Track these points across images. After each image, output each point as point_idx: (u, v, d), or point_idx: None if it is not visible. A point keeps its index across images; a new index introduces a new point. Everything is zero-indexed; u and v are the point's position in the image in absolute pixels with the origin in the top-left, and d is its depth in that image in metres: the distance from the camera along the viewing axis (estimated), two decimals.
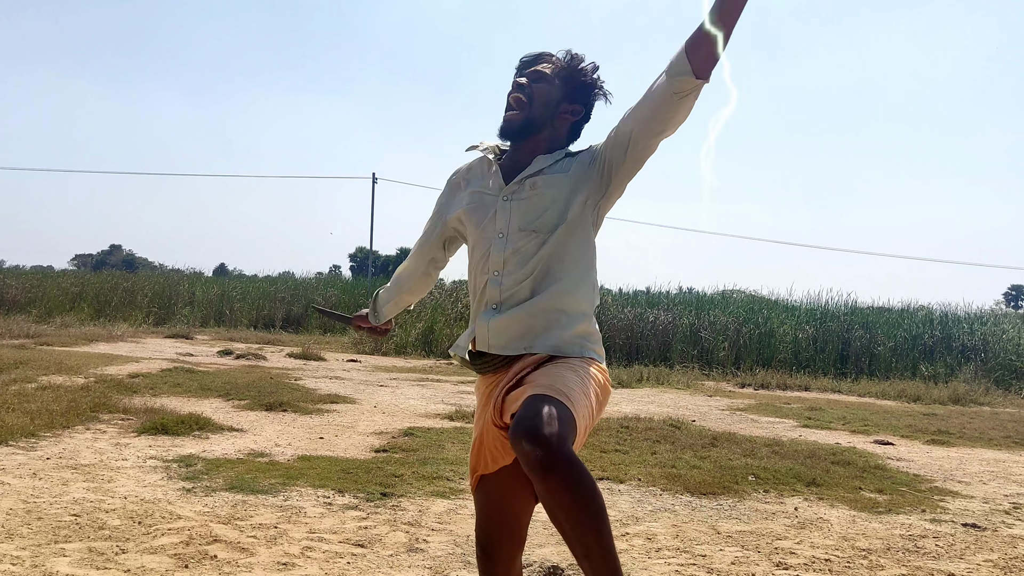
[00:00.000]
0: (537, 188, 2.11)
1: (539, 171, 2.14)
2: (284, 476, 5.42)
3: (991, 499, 6.02)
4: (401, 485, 5.35)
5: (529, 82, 2.13)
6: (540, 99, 2.11)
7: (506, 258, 2.12)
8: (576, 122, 2.21)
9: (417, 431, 7.42)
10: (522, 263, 2.11)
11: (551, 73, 2.14)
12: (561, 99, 2.14)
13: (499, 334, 2.12)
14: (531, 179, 2.13)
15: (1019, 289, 62.95)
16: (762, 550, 4.41)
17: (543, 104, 2.11)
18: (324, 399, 9.26)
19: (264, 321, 23.09)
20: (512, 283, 2.12)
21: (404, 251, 60.50)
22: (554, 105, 2.12)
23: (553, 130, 2.16)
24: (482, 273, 2.21)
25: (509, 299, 2.11)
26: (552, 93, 2.12)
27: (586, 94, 2.18)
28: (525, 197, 2.12)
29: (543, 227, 2.09)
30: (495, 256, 2.14)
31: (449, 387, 11.66)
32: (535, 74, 2.14)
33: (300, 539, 4.11)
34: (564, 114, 2.15)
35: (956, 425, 10.31)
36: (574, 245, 2.12)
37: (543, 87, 2.12)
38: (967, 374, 16.08)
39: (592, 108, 2.22)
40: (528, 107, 2.11)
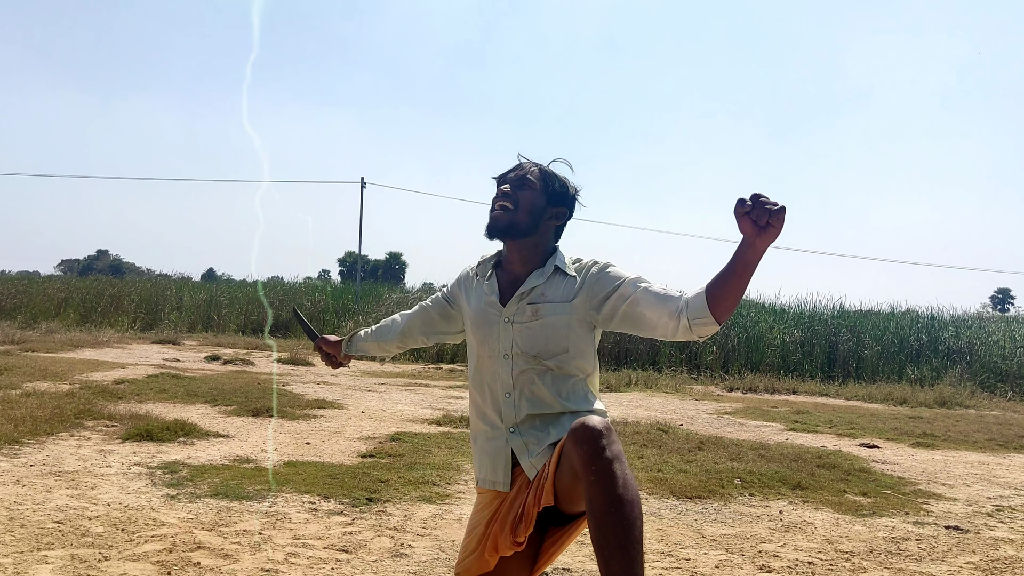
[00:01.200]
0: (539, 317, 2.20)
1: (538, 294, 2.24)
2: (270, 482, 5.40)
3: (974, 501, 6.06)
4: (387, 490, 5.35)
5: (514, 189, 2.23)
6: (526, 206, 2.21)
7: (515, 379, 2.22)
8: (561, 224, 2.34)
9: (404, 436, 7.42)
10: (530, 384, 2.21)
11: (535, 179, 2.24)
12: (546, 205, 2.24)
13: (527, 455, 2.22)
14: (532, 305, 2.22)
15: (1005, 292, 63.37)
16: (746, 553, 4.43)
17: (528, 211, 2.21)
18: (311, 404, 9.24)
19: (252, 326, 23.02)
20: (526, 406, 2.23)
21: (392, 255, 60.51)
22: (539, 211, 2.22)
23: (539, 235, 2.25)
24: (490, 388, 2.31)
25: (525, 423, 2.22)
26: (537, 200, 2.22)
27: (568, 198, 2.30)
28: (527, 322, 2.21)
29: (548, 353, 2.19)
30: (504, 376, 2.24)
31: (437, 392, 11.65)
32: (520, 181, 2.23)
33: (284, 545, 4.11)
34: (549, 219, 2.25)
35: (941, 428, 10.38)
36: (577, 367, 2.23)
37: (528, 194, 2.22)
38: (953, 377, 16.18)
39: (573, 210, 2.33)
40: (514, 212, 2.20)
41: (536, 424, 2.22)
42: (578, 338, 2.21)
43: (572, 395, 2.24)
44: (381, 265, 59.94)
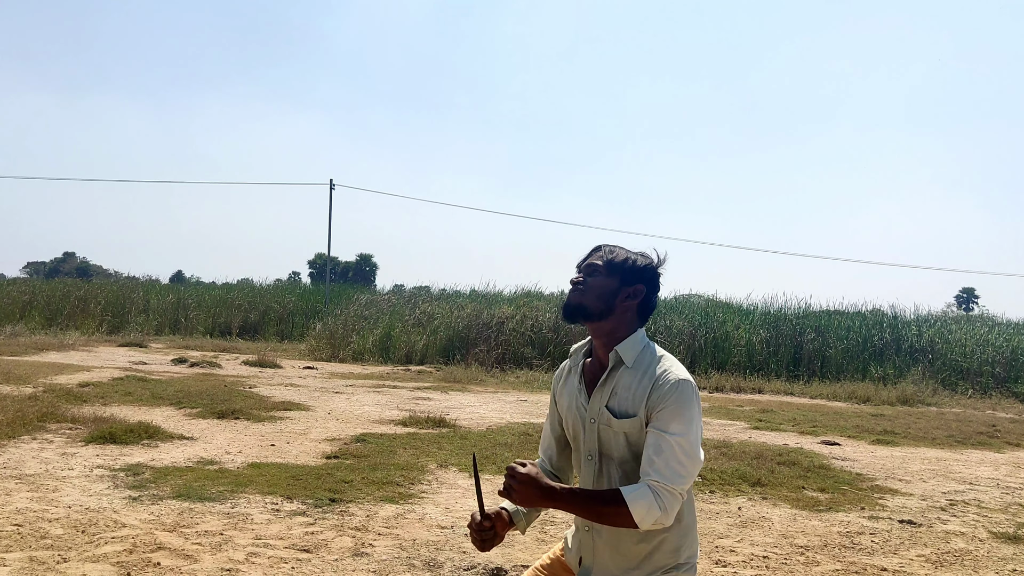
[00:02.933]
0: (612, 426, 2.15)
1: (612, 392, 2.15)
2: (233, 483, 5.40)
3: (929, 496, 6.21)
4: (350, 491, 5.37)
5: (584, 275, 2.21)
6: (594, 291, 2.17)
7: (595, 479, 2.18)
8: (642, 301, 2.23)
9: (370, 437, 7.43)
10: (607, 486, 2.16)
11: (603, 265, 2.21)
12: (619, 287, 2.18)
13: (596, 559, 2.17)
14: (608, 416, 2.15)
15: (970, 292, 64.42)
16: (703, 549, 4.51)
17: (598, 296, 2.16)
18: (278, 406, 9.22)
19: (221, 329, 22.85)
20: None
21: (363, 257, 60.24)
22: (611, 295, 2.17)
23: (618, 318, 2.19)
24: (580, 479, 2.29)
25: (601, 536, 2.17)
26: (607, 284, 2.17)
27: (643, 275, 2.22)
28: (605, 425, 2.16)
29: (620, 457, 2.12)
30: (586, 475, 2.20)
31: (405, 393, 11.66)
32: (589, 268, 2.22)
33: (246, 545, 4.12)
34: (625, 300, 2.17)
35: (902, 425, 10.58)
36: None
37: (597, 280, 2.18)
38: (915, 375, 16.46)
39: (657, 284, 2.24)
40: (583, 294, 2.17)
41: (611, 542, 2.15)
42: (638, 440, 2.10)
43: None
44: (352, 267, 59.62)
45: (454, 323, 18.48)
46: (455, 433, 8.00)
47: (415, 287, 27.39)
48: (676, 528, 2.10)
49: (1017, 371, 16.43)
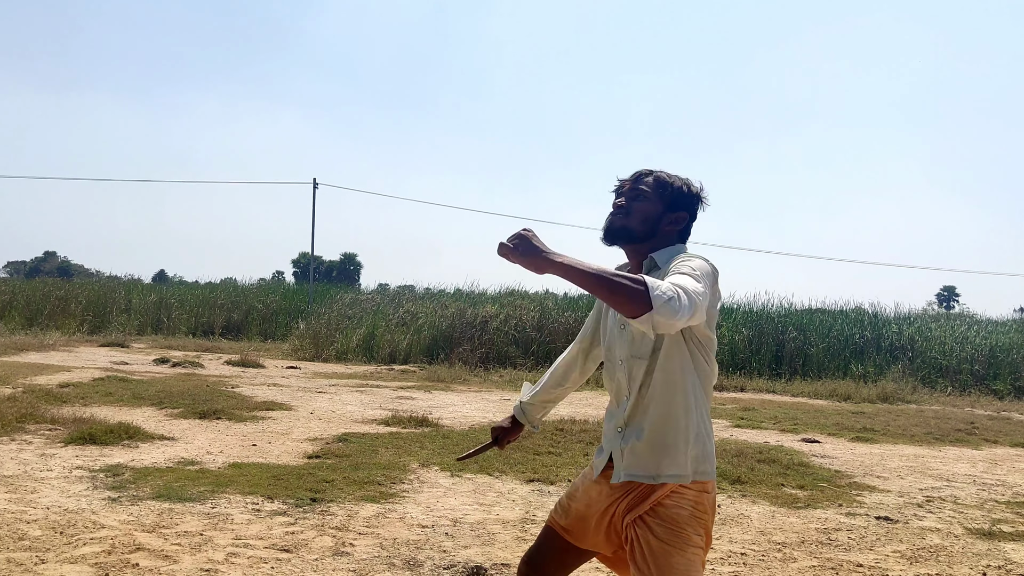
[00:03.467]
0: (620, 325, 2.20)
1: None
2: (214, 484, 5.39)
3: (906, 493, 6.28)
4: (331, 490, 5.37)
5: (628, 200, 2.23)
6: (639, 214, 2.21)
7: (629, 384, 2.21)
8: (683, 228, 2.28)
9: (352, 437, 7.43)
10: (636, 389, 2.19)
11: (650, 190, 2.23)
12: (663, 212, 2.22)
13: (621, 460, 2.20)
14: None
15: (951, 290, 65.03)
16: None
17: (642, 220, 2.20)
18: (260, 406, 9.19)
19: (203, 328, 22.73)
20: (632, 409, 2.21)
21: (347, 256, 60.11)
22: (655, 220, 2.21)
23: (659, 242, 2.22)
24: (612, 393, 2.32)
25: (630, 425, 2.21)
26: (652, 209, 2.21)
27: (688, 201, 2.26)
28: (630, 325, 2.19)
29: (643, 353, 2.15)
30: (622, 381, 2.23)
31: (388, 393, 11.66)
32: (634, 192, 2.24)
33: (225, 545, 4.12)
34: (668, 225, 2.22)
35: (881, 423, 10.68)
36: (672, 370, 2.15)
37: (643, 204, 2.22)
38: (896, 373, 16.61)
39: (698, 210, 2.28)
40: (627, 217, 2.21)
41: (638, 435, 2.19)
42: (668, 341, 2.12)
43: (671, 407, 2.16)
44: (336, 266, 59.50)
45: (438, 322, 18.48)
46: (437, 432, 8.01)
47: (400, 286, 27.38)
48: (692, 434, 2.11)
49: (995, 368, 16.61)
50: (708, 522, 2.16)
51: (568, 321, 18.23)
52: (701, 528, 2.12)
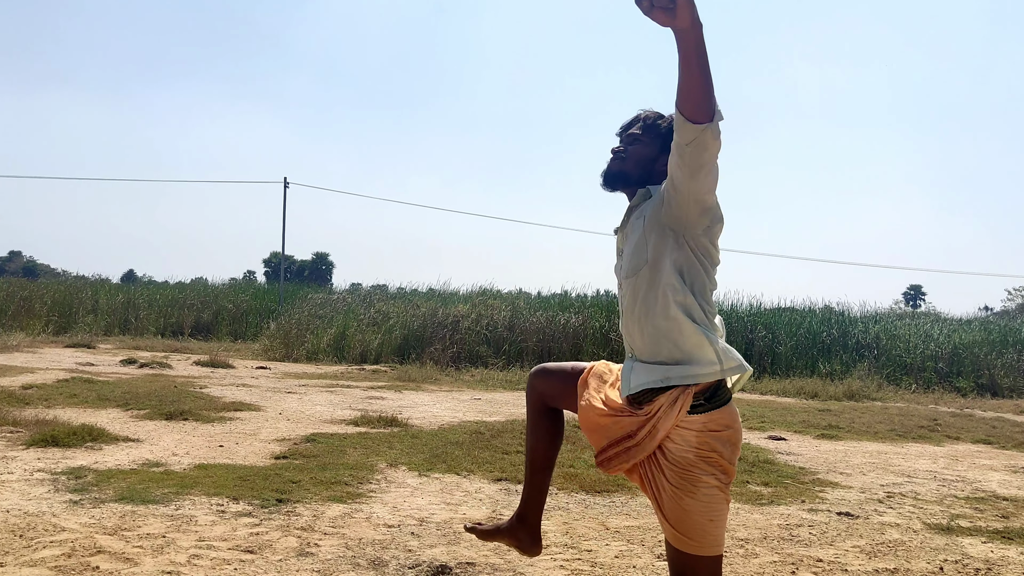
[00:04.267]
0: (628, 235, 2.27)
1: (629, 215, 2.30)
2: (178, 485, 5.35)
3: (868, 489, 6.38)
4: (298, 491, 5.35)
5: (624, 144, 2.30)
6: (634, 158, 2.27)
7: (628, 304, 2.28)
8: None
9: (320, 437, 7.40)
10: (633, 306, 2.26)
11: (643, 134, 2.29)
12: (657, 154, 2.27)
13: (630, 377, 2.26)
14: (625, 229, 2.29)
15: (917, 289, 65.94)
16: (646, 543, 4.59)
17: (636, 163, 2.27)
18: (228, 407, 9.12)
19: (172, 329, 22.50)
20: (632, 326, 2.28)
21: (319, 255, 59.71)
22: (649, 162, 2.27)
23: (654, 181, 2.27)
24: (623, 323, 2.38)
25: (632, 342, 2.27)
26: (646, 152, 2.27)
27: None
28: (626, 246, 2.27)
29: (636, 270, 2.22)
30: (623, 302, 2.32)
31: (358, 393, 11.62)
32: (630, 137, 2.30)
33: (188, 547, 4.09)
34: (663, 166, 2.23)
35: (847, 420, 10.83)
36: (664, 284, 2.18)
37: (637, 148, 2.28)
38: (862, 371, 16.85)
39: None
40: (623, 162, 2.28)
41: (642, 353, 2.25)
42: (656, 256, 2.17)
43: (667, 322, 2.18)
44: (308, 265, 59.03)
45: (409, 322, 18.45)
46: (407, 432, 8.00)
47: (372, 286, 27.29)
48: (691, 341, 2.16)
49: (958, 366, 16.90)
50: (721, 458, 2.16)
51: (540, 321, 18.28)
52: (711, 467, 2.14)
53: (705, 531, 2.15)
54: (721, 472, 2.15)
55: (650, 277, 2.19)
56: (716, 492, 2.14)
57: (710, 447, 2.15)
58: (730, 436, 2.18)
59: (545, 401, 2.65)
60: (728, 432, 2.18)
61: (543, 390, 2.62)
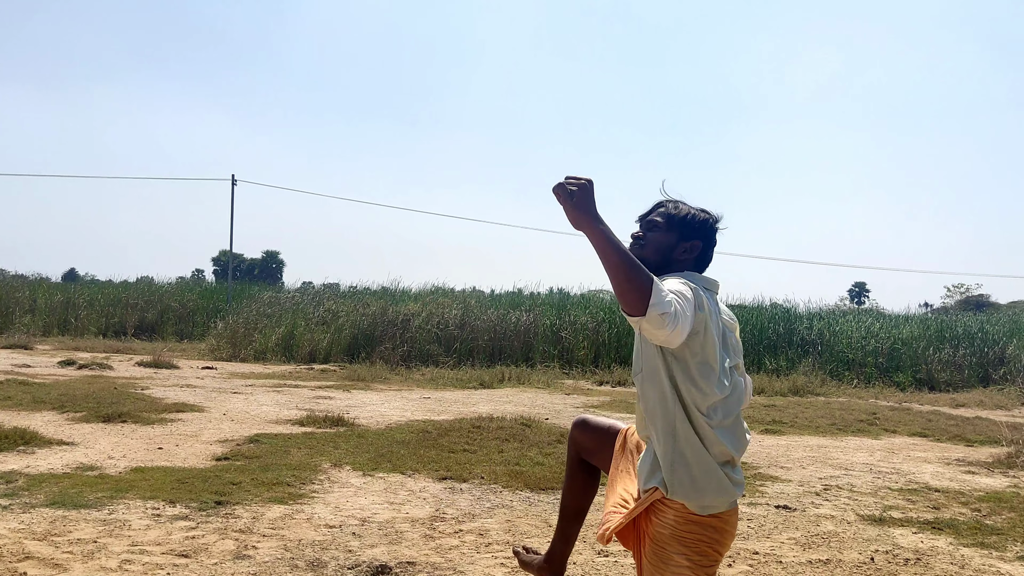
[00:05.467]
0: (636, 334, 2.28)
1: None
2: (113, 489, 5.23)
3: (806, 482, 6.51)
4: (238, 493, 5.27)
5: (644, 230, 2.36)
6: (653, 245, 2.32)
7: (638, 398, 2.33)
8: (699, 256, 2.36)
9: (264, 438, 7.30)
10: (640, 403, 2.31)
11: (663, 221, 2.34)
12: (676, 242, 2.32)
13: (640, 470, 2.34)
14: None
15: (861, 286, 67.41)
16: (587, 540, 4.62)
17: (655, 250, 2.31)
18: (170, 408, 8.95)
19: (115, 329, 21.99)
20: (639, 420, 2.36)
21: (269, 254, 58.94)
22: (668, 250, 2.31)
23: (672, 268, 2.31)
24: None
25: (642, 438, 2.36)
26: (665, 240, 2.32)
27: (702, 230, 2.35)
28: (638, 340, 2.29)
29: (636, 373, 2.29)
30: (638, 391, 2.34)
31: (306, 392, 11.49)
32: (649, 224, 2.35)
33: (120, 552, 4.01)
34: (682, 254, 2.31)
35: (790, 415, 11.03)
36: (653, 392, 2.22)
37: (656, 235, 2.33)
38: (806, 366, 17.18)
39: (714, 238, 2.37)
40: (642, 248, 2.32)
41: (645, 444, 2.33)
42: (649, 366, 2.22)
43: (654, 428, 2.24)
44: (258, 264, 58.21)
45: (359, 321, 18.30)
46: (353, 432, 7.94)
47: (324, 284, 27.00)
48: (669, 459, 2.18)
49: (897, 361, 17.33)
50: (698, 540, 2.17)
51: (491, 319, 18.28)
52: (683, 547, 2.16)
53: None
54: (696, 553, 2.18)
55: (647, 385, 2.25)
56: (687, 573, 2.18)
57: (688, 529, 2.18)
58: (713, 523, 2.20)
59: (582, 455, 2.76)
60: (711, 519, 2.20)
61: (582, 443, 2.71)
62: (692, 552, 2.16)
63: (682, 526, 2.17)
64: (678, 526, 2.17)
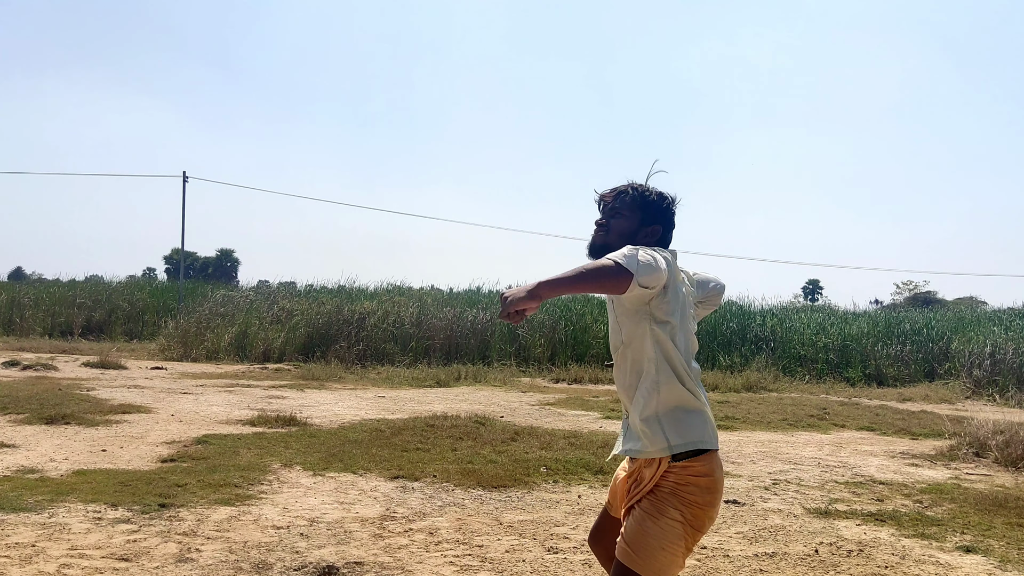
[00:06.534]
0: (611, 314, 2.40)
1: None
2: (54, 492, 5.11)
3: (756, 477, 6.59)
4: (183, 495, 5.18)
5: (606, 217, 2.45)
6: (616, 231, 2.41)
7: (616, 372, 2.42)
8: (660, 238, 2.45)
9: (212, 439, 7.19)
10: (620, 376, 2.40)
11: (624, 208, 2.43)
12: (638, 227, 2.41)
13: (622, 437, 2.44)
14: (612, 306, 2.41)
15: (815, 283, 68.47)
16: (538, 537, 4.63)
17: (619, 236, 2.39)
18: (115, 410, 8.76)
19: (61, 329, 21.48)
20: (621, 392, 2.43)
21: (224, 252, 58.06)
22: (631, 235, 2.39)
23: None
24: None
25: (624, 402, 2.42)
26: (627, 225, 2.41)
27: (662, 214, 2.45)
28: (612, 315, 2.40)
29: (617, 346, 2.38)
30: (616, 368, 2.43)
31: (259, 392, 11.34)
32: (611, 211, 2.44)
33: (59, 556, 3.91)
34: (644, 238, 2.40)
35: (743, 411, 11.17)
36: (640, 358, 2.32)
37: (619, 221, 2.42)
38: (760, 363, 17.42)
39: (672, 221, 2.48)
40: (606, 235, 2.42)
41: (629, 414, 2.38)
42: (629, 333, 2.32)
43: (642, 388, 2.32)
44: (212, 262, 57.25)
45: (315, 319, 18.11)
46: (305, 431, 7.85)
47: (280, 283, 26.67)
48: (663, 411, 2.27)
49: (847, 357, 17.66)
50: (695, 501, 2.26)
51: (447, 316, 18.22)
52: (681, 504, 2.25)
53: (653, 555, 2.25)
54: (690, 513, 2.26)
55: (628, 355, 2.35)
56: (677, 527, 2.25)
57: (688, 483, 2.27)
58: (708, 483, 2.29)
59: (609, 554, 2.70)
60: (706, 479, 2.29)
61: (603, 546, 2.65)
62: (686, 510, 2.26)
63: (682, 486, 2.27)
64: (678, 483, 2.27)
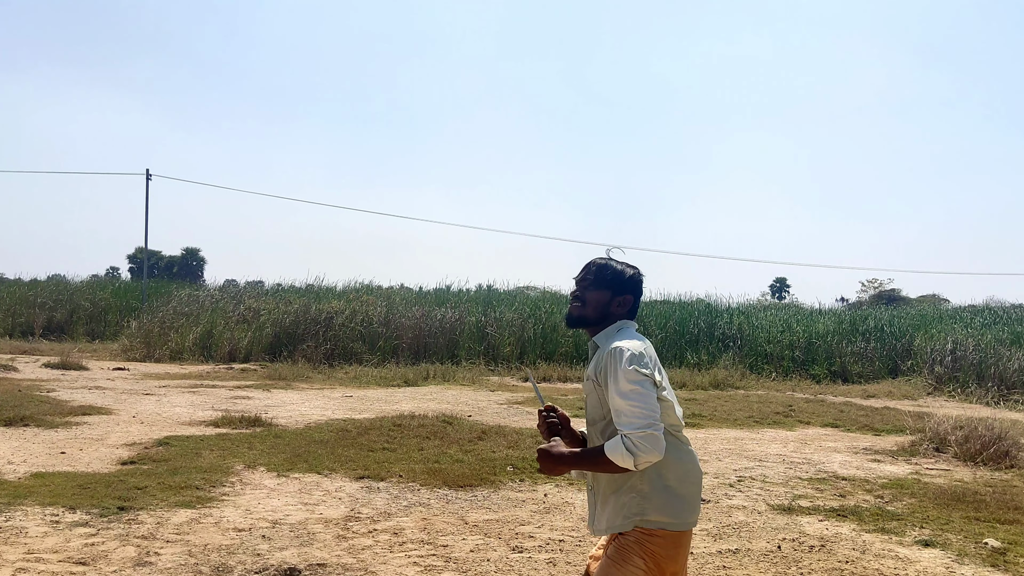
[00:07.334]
0: (585, 392, 2.56)
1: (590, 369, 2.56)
2: (10, 495, 5.00)
3: (721, 474, 6.63)
4: (142, 497, 5.09)
5: (582, 291, 2.62)
6: (591, 304, 2.58)
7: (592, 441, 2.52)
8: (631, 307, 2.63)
9: (174, 440, 7.08)
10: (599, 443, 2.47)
11: (597, 281, 2.60)
12: (611, 298, 2.58)
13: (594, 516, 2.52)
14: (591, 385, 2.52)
15: (782, 281, 69.18)
16: (503, 536, 4.62)
17: (595, 308, 2.58)
18: (75, 411, 8.61)
19: (21, 329, 21.07)
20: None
21: (189, 251, 57.31)
22: (604, 306, 2.58)
23: (610, 321, 2.59)
24: None
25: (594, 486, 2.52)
26: (600, 298, 2.59)
27: (632, 286, 2.62)
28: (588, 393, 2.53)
29: (594, 421, 2.50)
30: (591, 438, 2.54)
31: (223, 393, 11.20)
32: (585, 283, 2.62)
33: (15, 561, 3.82)
34: (616, 307, 2.58)
35: (710, 408, 11.25)
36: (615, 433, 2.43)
37: (593, 294, 2.59)
38: (727, 360, 17.56)
39: (640, 290, 2.65)
40: (582, 307, 2.59)
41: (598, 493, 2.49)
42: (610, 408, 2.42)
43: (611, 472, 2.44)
44: (177, 261, 56.46)
45: (281, 319, 17.93)
46: (270, 432, 7.77)
47: (248, 282, 26.41)
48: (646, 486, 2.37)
49: (813, 354, 17.86)
50: (657, 552, 2.34)
51: (415, 315, 18.14)
52: (644, 553, 2.34)
53: None
54: (653, 563, 2.34)
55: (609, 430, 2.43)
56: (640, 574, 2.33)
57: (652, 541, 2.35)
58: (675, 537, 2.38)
59: None
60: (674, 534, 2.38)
61: None
62: (651, 561, 2.35)
63: (648, 537, 2.36)
64: (642, 536, 2.35)
